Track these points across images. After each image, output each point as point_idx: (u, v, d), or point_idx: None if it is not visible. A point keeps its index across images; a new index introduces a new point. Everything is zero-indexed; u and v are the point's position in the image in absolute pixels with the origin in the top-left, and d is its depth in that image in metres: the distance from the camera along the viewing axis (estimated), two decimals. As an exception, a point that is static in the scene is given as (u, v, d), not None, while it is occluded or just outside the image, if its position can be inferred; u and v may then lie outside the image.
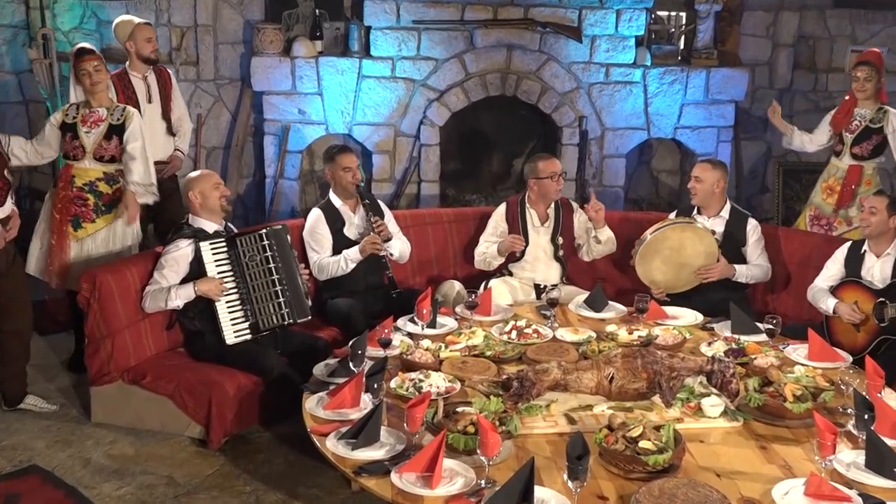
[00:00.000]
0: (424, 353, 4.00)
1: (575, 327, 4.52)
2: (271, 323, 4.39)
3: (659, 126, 7.11)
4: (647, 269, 5.02)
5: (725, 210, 5.17)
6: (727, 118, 7.12)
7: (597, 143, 7.05)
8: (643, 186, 7.71)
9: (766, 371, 3.85)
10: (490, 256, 5.12)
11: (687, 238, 4.94)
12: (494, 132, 7.29)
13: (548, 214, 5.20)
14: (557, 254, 5.22)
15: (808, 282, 4.94)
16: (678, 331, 4.42)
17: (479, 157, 7.42)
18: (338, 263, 4.84)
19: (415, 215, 5.61)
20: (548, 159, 5.15)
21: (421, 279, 5.49)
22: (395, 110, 6.79)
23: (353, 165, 4.94)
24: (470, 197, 7.19)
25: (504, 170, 7.53)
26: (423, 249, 5.50)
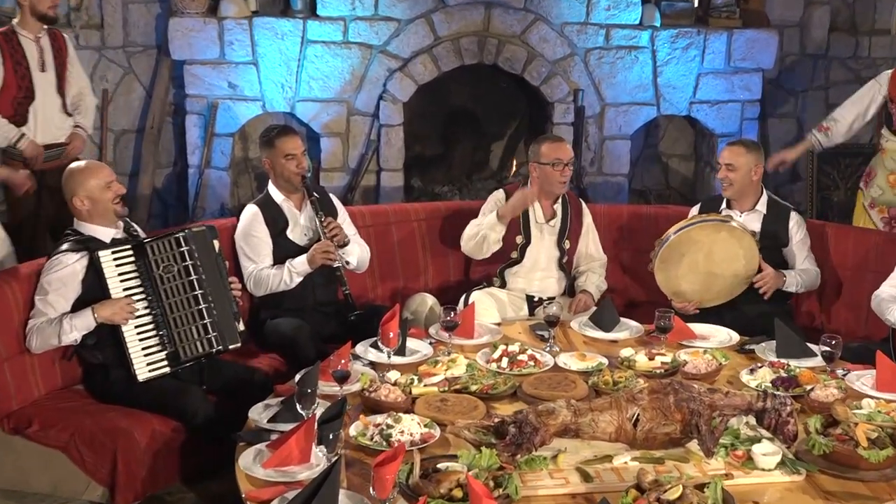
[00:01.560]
0: (392, 388, 3.78)
1: (581, 352, 4.34)
2: (195, 351, 4.19)
3: (671, 101, 7.08)
4: (670, 276, 4.89)
5: (762, 203, 5.04)
6: (753, 91, 7.12)
7: (595, 121, 7.03)
8: (650, 175, 7.70)
9: (829, 407, 3.65)
10: (487, 228, 4.91)
11: (721, 241, 4.81)
12: (470, 110, 7.32)
13: (554, 211, 5.10)
14: (562, 260, 5.11)
15: (865, 290, 4.84)
16: (711, 355, 4.22)
17: (450, 140, 7.41)
18: (280, 277, 4.69)
19: (375, 212, 5.48)
20: (555, 142, 5.07)
21: (383, 292, 5.36)
22: (349, 83, 6.72)
23: (297, 151, 4.78)
24: (440, 189, 7.21)
25: (481, 156, 7.51)
26: (386, 255, 5.38)
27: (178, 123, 6.86)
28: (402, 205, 5.79)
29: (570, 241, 5.11)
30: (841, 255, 5.19)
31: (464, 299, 5.01)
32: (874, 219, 5.69)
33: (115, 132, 6.88)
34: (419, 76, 6.72)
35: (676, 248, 4.82)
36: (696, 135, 7.59)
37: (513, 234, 5.01)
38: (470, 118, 7.31)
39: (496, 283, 5.10)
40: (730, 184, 4.97)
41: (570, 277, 5.17)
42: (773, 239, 4.98)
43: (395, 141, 6.78)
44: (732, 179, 4.95)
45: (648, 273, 5.03)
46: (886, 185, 5.66)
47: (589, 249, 5.21)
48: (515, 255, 5.05)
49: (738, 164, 4.94)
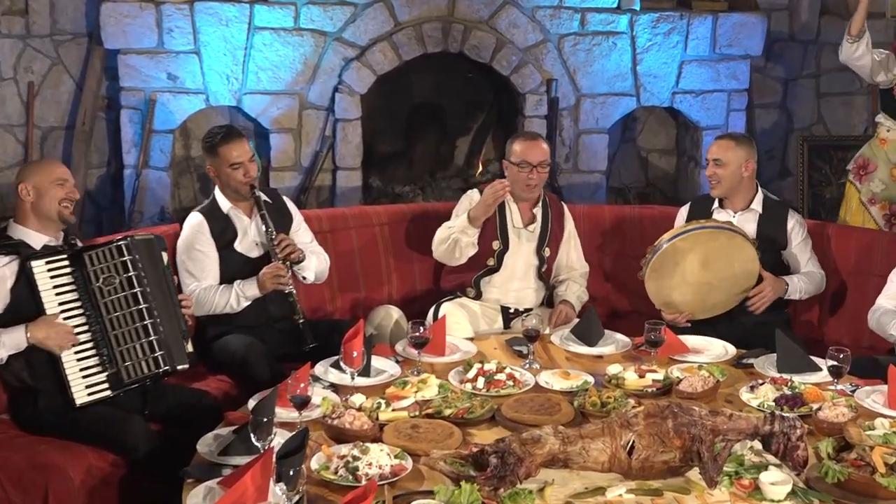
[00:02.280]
0: (357, 414, 3.67)
1: (564, 369, 4.27)
2: (139, 373, 4.08)
3: (651, 91, 7.11)
4: (662, 287, 4.84)
5: (757, 201, 5.01)
6: (740, 79, 7.16)
7: (570, 114, 7.04)
8: (629, 171, 7.73)
9: (840, 428, 3.59)
10: (458, 231, 4.87)
11: (719, 249, 4.76)
12: (433, 102, 7.32)
13: (534, 215, 5.05)
14: (541, 269, 5.06)
15: (868, 296, 4.83)
16: (707, 371, 4.17)
17: (412, 135, 7.41)
18: (226, 299, 4.61)
19: (332, 217, 5.41)
20: (526, 140, 5.01)
21: (343, 304, 5.32)
22: (301, 74, 6.67)
23: (244, 158, 4.66)
24: (401, 189, 7.22)
25: (445, 152, 7.51)
26: (346, 263, 5.32)
27: (112, 119, 6.77)
28: (363, 207, 5.76)
29: (550, 248, 5.07)
30: (842, 259, 5.18)
31: (433, 311, 4.96)
32: (874, 216, 5.71)
33: (41, 129, 6.79)
34: (378, 66, 6.68)
35: (671, 256, 4.78)
36: (677, 127, 7.61)
37: (489, 240, 4.97)
38: (433, 111, 7.31)
39: (470, 294, 5.05)
40: (718, 181, 4.93)
41: (549, 287, 5.13)
42: (770, 241, 4.93)
43: (353, 137, 6.73)
44: (721, 176, 4.91)
45: (633, 280, 5.00)
46: (889, 180, 5.69)
47: (570, 259, 5.17)
48: (492, 263, 5.00)
49: (728, 159, 4.90)
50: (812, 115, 7.78)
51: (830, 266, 5.15)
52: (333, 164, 6.77)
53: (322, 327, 4.70)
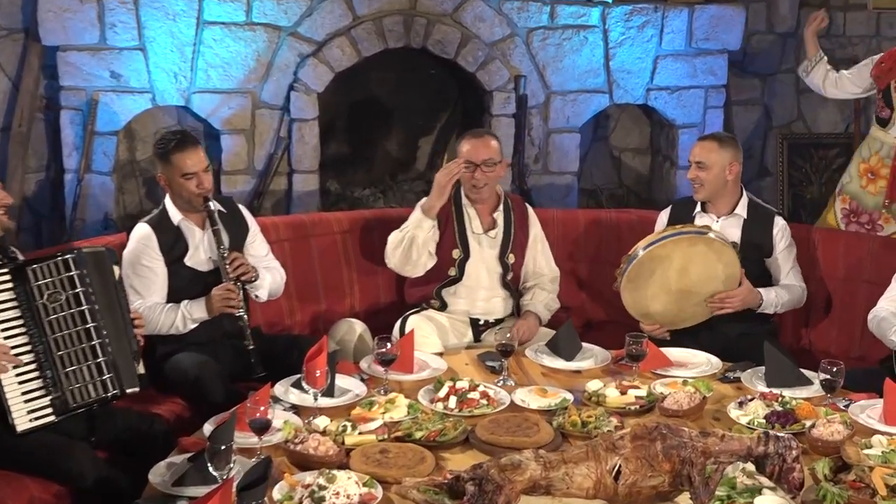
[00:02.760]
0: (322, 439, 3.63)
1: (540, 386, 4.25)
2: (86, 396, 4.01)
3: (625, 87, 7.09)
4: (639, 297, 4.83)
5: (742, 206, 5.01)
6: (718, 75, 7.15)
7: (540, 112, 7.01)
8: (600, 172, 7.71)
9: (836, 447, 3.60)
10: (413, 227, 4.87)
11: (698, 255, 4.75)
12: (394, 100, 7.27)
13: (494, 220, 5.05)
14: (506, 277, 5.04)
15: (858, 304, 4.93)
16: (693, 386, 4.17)
17: (372, 136, 7.37)
18: (172, 320, 4.56)
19: (290, 224, 5.39)
20: (473, 138, 5.02)
21: (302, 318, 5.29)
22: (253, 71, 6.58)
23: (198, 168, 4.60)
24: (360, 193, 7.18)
25: (407, 153, 7.48)
26: (305, 274, 5.30)
27: (52, 120, 6.65)
28: (322, 214, 5.70)
29: (514, 254, 5.05)
30: (830, 265, 5.21)
31: (399, 325, 4.93)
32: (836, 208, 5.74)
33: (-25, 132, 6.65)
34: (336, 62, 6.61)
35: (647, 264, 4.77)
36: (652, 126, 7.61)
37: (449, 249, 4.96)
38: (394, 110, 7.28)
39: (435, 306, 5.03)
40: (701, 184, 4.94)
41: (518, 296, 5.12)
42: (754, 248, 4.94)
43: (309, 138, 6.66)
44: (703, 179, 4.91)
45: (610, 289, 4.98)
46: (856, 174, 5.71)
47: (537, 264, 5.15)
48: (454, 273, 4.98)
49: (711, 161, 4.90)
50: (791, 111, 7.78)
51: (817, 273, 5.18)
52: (289, 166, 6.70)
53: (280, 343, 4.67)
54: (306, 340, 4.50)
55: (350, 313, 5.27)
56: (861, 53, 7.46)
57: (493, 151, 4.92)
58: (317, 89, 6.60)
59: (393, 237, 4.92)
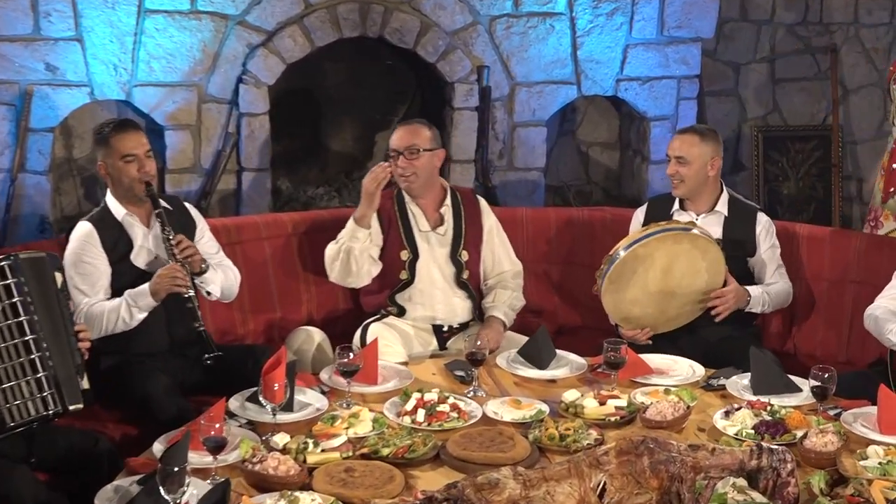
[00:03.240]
0: (282, 458, 3.58)
1: (513, 397, 4.24)
2: (24, 415, 3.94)
3: (594, 79, 7.06)
4: (621, 300, 4.83)
5: (723, 202, 5.05)
6: (690, 64, 7.13)
7: (504, 105, 6.96)
8: (567, 167, 7.67)
9: (830, 459, 3.63)
10: (347, 238, 4.89)
11: (682, 254, 4.77)
12: (349, 93, 7.21)
13: (441, 216, 5.05)
14: (461, 277, 5.02)
15: (845, 305, 5.04)
16: (676, 395, 4.16)
17: (326, 131, 7.31)
18: (117, 313, 4.48)
19: (242, 226, 5.35)
20: (401, 126, 5.08)
21: (256, 327, 5.24)
22: (199, 63, 6.48)
23: (139, 151, 4.59)
24: (313, 191, 7.12)
25: (363, 149, 7.41)
26: (258, 279, 5.25)
27: (-19, 117, 6.57)
28: (277, 215, 5.64)
29: (467, 251, 5.03)
30: (816, 264, 5.26)
31: (360, 334, 4.91)
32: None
33: None
34: (287, 53, 6.53)
35: (629, 264, 4.76)
36: (621, 119, 7.59)
37: (397, 251, 4.95)
38: (349, 104, 7.21)
39: (393, 312, 5.02)
40: (681, 180, 4.95)
41: (479, 296, 5.11)
42: (737, 247, 4.95)
43: (260, 133, 6.57)
44: (684, 175, 4.93)
45: (583, 292, 5.03)
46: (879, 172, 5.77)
47: (497, 259, 5.13)
48: (405, 276, 4.97)
49: (692, 156, 4.91)
50: (767, 103, 7.79)
51: (802, 273, 5.21)
52: (238, 164, 6.61)
53: (233, 354, 4.59)
54: (262, 350, 4.49)
55: (307, 321, 5.23)
56: (839, 41, 7.52)
57: (418, 138, 4.93)
58: (267, 82, 6.54)
59: (329, 250, 4.93)
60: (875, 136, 7.76)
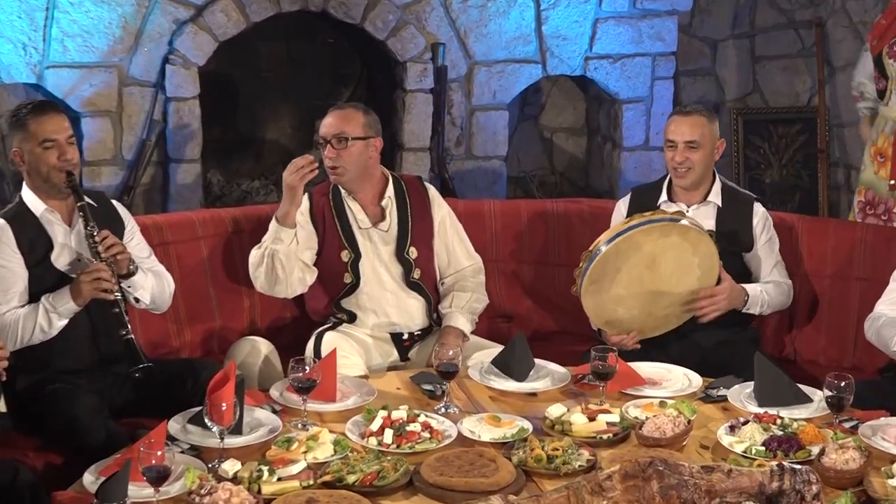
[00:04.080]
0: (234, 489, 3.45)
1: (491, 414, 4.12)
2: None
3: (560, 56, 7.15)
4: (603, 302, 4.76)
5: (715, 192, 5.02)
6: (666, 40, 7.25)
7: (461, 86, 7.05)
8: (529, 156, 7.79)
9: (854, 478, 3.55)
10: (270, 241, 4.81)
11: (671, 248, 4.70)
12: (288, 75, 7.31)
13: (382, 209, 4.97)
14: (411, 276, 4.95)
15: (850, 305, 5.05)
16: (675, 409, 4.07)
17: (261, 117, 7.39)
18: (33, 320, 4.36)
19: (175, 224, 5.21)
20: (331, 111, 4.95)
21: (192, 337, 5.13)
22: (120, 41, 6.45)
23: (60, 136, 4.47)
24: (248, 185, 7.20)
25: (303, 138, 7.48)
26: (194, 284, 5.15)
27: None
28: (214, 211, 5.53)
29: (416, 248, 4.96)
30: (817, 259, 5.23)
31: (313, 344, 4.81)
32: (854, 204, 5.88)
33: None
34: (220, 30, 6.53)
35: (612, 260, 4.68)
36: (588, 101, 7.70)
37: (336, 251, 4.88)
38: (288, 87, 7.28)
39: (344, 319, 4.95)
40: (690, 168, 4.92)
41: (437, 298, 5.05)
42: (732, 241, 4.91)
43: (189, 120, 6.60)
44: (695, 162, 4.90)
45: (560, 293, 5.09)
46: (868, 160, 5.82)
47: (452, 255, 5.07)
48: (349, 279, 4.89)
49: (703, 139, 4.91)
50: (746, 83, 7.87)
51: (802, 269, 5.19)
52: (165, 155, 6.64)
53: (171, 369, 4.48)
54: (202, 365, 4.42)
55: (250, 330, 5.16)
56: (825, 14, 7.57)
57: (348, 125, 4.84)
58: (197, 62, 6.52)
59: (252, 257, 4.85)
60: (863, 117, 7.77)
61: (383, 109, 6.72)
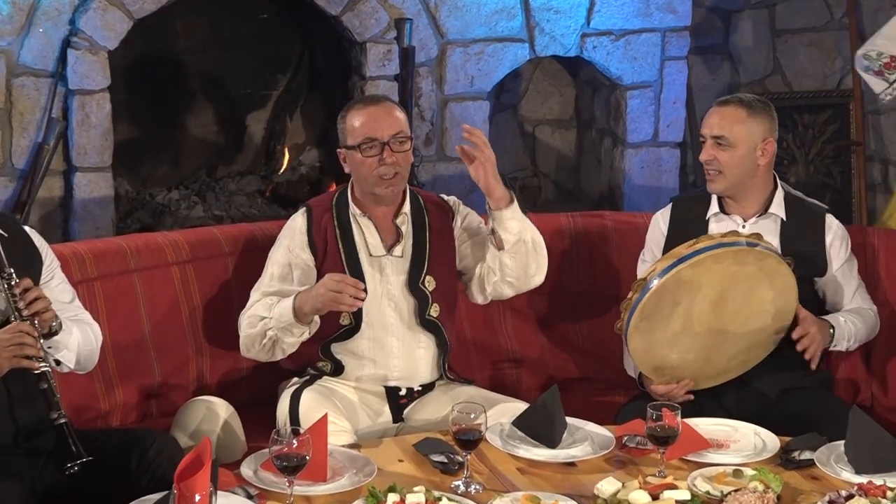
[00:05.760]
0: None
1: (528, 493, 3.93)
2: None
3: (552, 34, 7.17)
4: (654, 343, 4.64)
5: (778, 202, 4.88)
6: (680, 13, 7.29)
7: (432, 72, 7.07)
8: (508, 154, 7.76)
9: None
10: (277, 326, 4.64)
11: (743, 278, 4.58)
12: (211, 60, 7.35)
13: (397, 228, 4.80)
14: (427, 314, 4.77)
15: None
16: (760, 480, 3.91)
17: (177, 112, 7.39)
18: None
19: (101, 253, 5.00)
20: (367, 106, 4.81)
21: (126, 398, 4.93)
22: (7, 21, 6.35)
23: None
24: (164, 196, 7.19)
25: (230, 137, 7.56)
26: (126, 329, 4.97)
27: None
28: (148, 236, 5.35)
29: (434, 276, 4.81)
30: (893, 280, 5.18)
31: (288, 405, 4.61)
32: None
33: None
34: (135, 6, 6.43)
35: (671, 292, 4.56)
36: (577, 87, 7.74)
37: None
38: (211, 74, 7.33)
39: (326, 369, 4.77)
40: (718, 171, 4.78)
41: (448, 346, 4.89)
42: (802, 264, 4.76)
43: (98, 119, 6.50)
44: (725, 164, 4.76)
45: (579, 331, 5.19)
46: None
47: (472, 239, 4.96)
48: (347, 321, 4.73)
49: (736, 136, 4.75)
50: (766, 62, 7.89)
51: (880, 295, 5.10)
52: (67, 162, 6.55)
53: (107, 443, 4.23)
54: (148, 437, 4.18)
55: (198, 386, 4.97)
56: None
57: (402, 122, 4.77)
58: (107, 46, 6.44)
59: (247, 328, 4.71)
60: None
61: (329, 101, 6.91)
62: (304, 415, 4.44)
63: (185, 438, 4.51)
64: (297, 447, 3.81)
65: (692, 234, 4.71)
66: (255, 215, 6.96)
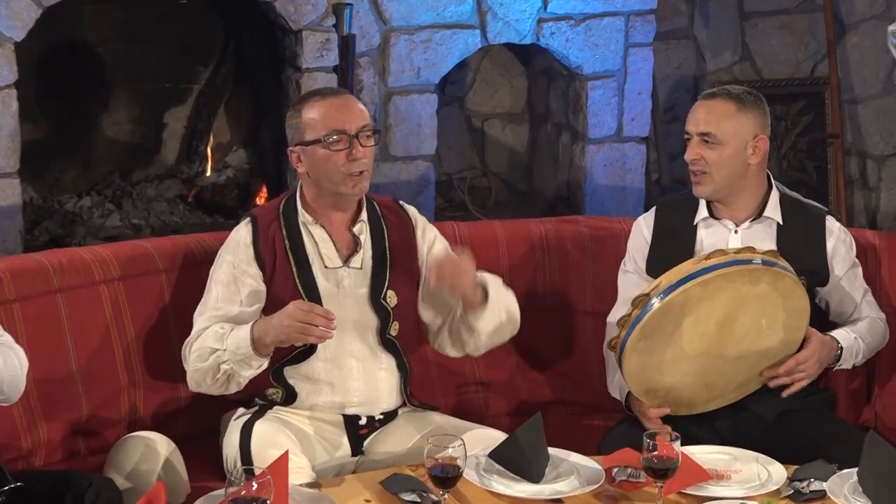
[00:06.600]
0: None
1: None
2: None
3: (505, 19, 7.18)
4: (652, 363, 4.60)
5: (773, 205, 4.86)
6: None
7: (374, 62, 7.07)
8: (454, 152, 7.86)
9: None
10: (232, 359, 4.54)
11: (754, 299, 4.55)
12: (123, 51, 7.40)
13: (354, 237, 4.75)
14: (387, 333, 4.73)
15: None
16: None
17: (87, 109, 7.47)
18: None
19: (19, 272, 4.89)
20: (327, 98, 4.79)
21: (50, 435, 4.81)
22: None
23: None
24: (74, 204, 7.30)
25: (146, 135, 7.64)
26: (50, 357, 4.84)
27: None
28: (73, 252, 5.21)
29: (395, 291, 4.76)
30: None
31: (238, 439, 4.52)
32: None
33: None
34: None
35: (675, 310, 4.53)
36: (530, 78, 7.80)
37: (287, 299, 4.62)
38: (124, 67, 7.37)
39: (277, 398, 4.69)
40: (704, 172, 4.75)
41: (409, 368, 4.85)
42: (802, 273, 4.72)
43: (4, 118, 6.50)
44: (712, 164, 4.73)
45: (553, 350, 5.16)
46: None
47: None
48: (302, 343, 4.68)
49: (724, 132, 4.73)
50: (733, 47, 7.96)
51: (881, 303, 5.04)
52: None
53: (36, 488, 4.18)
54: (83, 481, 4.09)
55: (131, 421, 4.88)
56: None
57: (367, 115, 4.76)
58: (15, 37, 6.45)
59: (197, 362, 4.61)
60: (883, 91, 7.95)
61: (263, 95, 6.99)
62: (257, 451, 4.37)
63: (122, 479, 4.41)
64: (257, 490, 3.70)
65: (679, 242, 4.78)
66: (178, 223, 6.92)
